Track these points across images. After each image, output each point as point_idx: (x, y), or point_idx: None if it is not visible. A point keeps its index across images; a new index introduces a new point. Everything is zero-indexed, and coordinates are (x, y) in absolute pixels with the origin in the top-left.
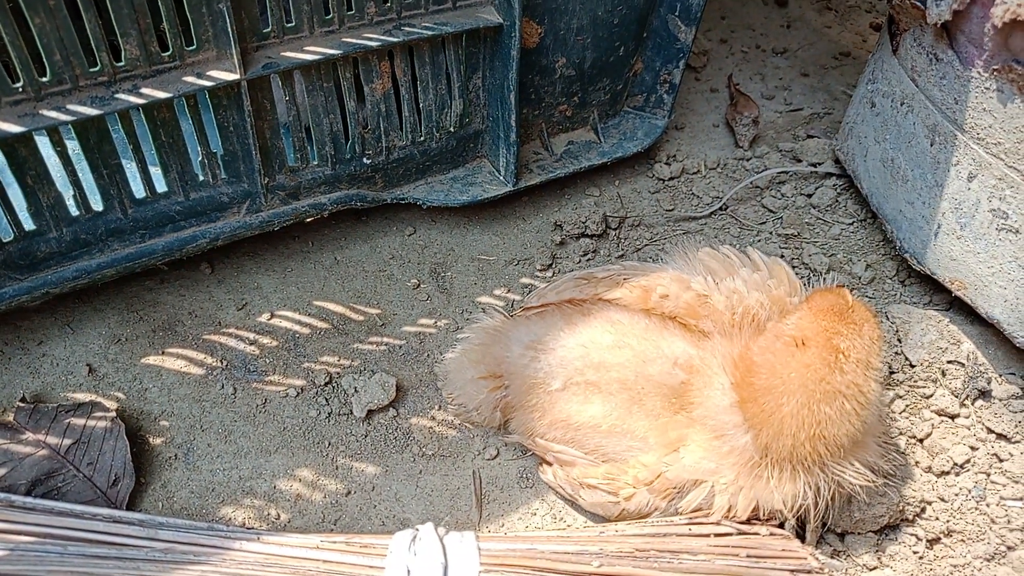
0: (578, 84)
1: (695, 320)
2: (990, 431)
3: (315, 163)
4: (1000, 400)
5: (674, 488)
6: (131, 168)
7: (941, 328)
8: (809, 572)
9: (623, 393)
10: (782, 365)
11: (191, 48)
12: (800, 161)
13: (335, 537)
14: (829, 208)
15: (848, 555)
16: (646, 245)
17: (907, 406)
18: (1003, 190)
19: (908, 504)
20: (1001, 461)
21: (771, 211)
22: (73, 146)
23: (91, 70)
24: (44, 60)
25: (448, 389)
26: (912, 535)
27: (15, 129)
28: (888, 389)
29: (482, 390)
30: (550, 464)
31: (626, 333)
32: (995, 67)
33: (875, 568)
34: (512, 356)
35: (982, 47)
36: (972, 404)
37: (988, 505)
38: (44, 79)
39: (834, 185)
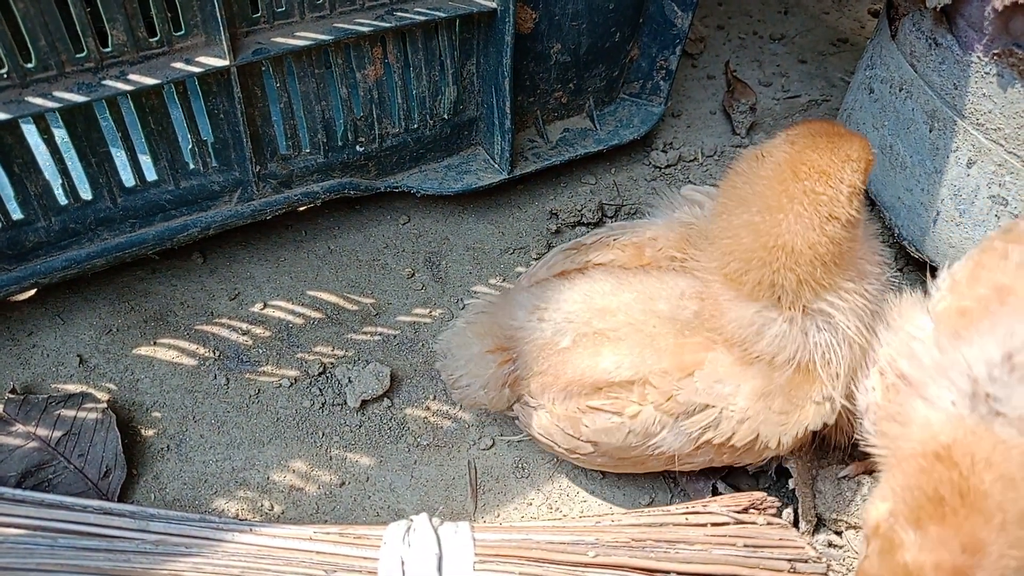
0: (573, 70)
1: (688, 254)
2: None
3: (307, 151)
4: None
5: (683, 410)
6: (120, 156)
7: None
8: (806, 561)
9: (634, 336)
10: (744, 183)
11: (179, 33)
12: None
13: (329, 528)
14: None
15: (846, 548)
16: None
17: None
18: (1003, 176)
19: None
20: None
21: None
22: (60, 134)
23: (77, 56)
24: (29, 46)
25: (450, 370)
26: None
27: (0, 116)
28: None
29: (490, 365)
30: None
31: (625, 279)
32: (995, 51)
33: None
34: (518, 321)
35: (982, 31)
36: None
37: None
38: (29, 65)
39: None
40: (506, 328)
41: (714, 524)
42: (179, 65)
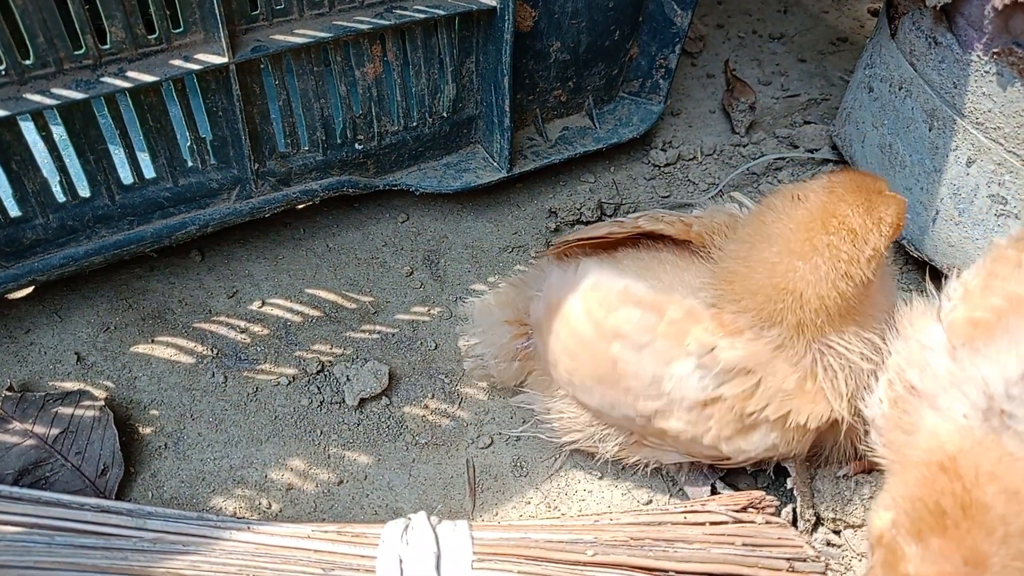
0: (573, 69)
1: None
2: None
3: (306, 148)
4: None
5: (721, 367)
6: (118, 154)
7: None
8: (805, 560)
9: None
10: (773, 220)
11: (178, 30)
12: (797, 147)
13: (327, 527)
14: None
15: (845, 547)
16: None
17: None
18: (1002, 175)
19: None
20: None
21: None
22: (59, 131)
23: (76, 53)
24: (27, 43)
25: (467, 337)
26: None
27: None
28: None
29: (505, 334)
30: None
31: (650, 264)
32: (995, 50)
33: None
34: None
35: (982, 30)
36: None
37: None
38: (28, 62)
39: (831, 171)
40: (531, 299)
41: (713, 523)
42: (178, 62)
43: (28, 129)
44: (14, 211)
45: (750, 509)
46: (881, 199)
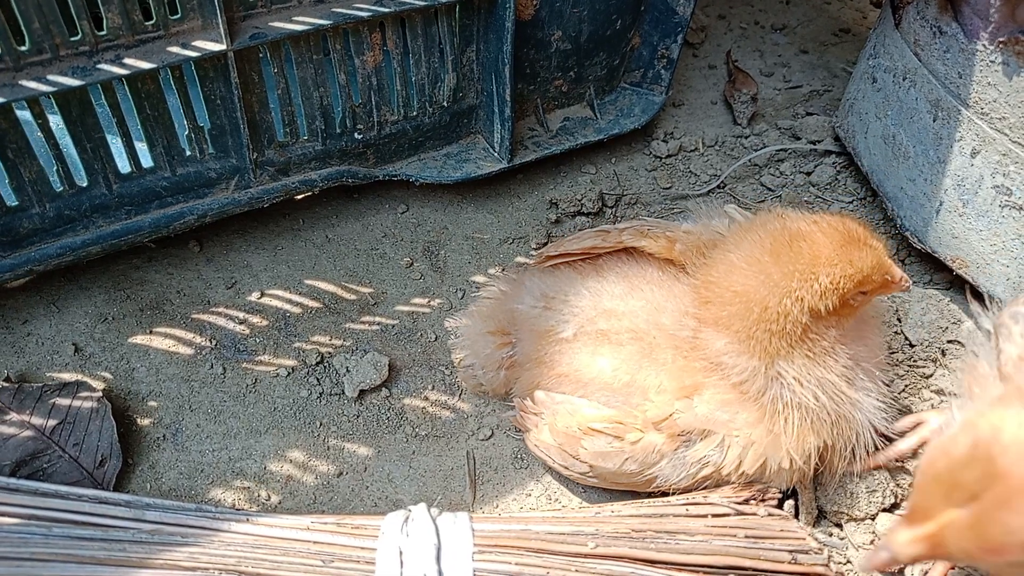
0: (574, 58)
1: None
2: None
3: (305, 138)
4: None
5: (682, 435)
6: (116, 142)
7: (941, 307)
8: (808, 552)
9: (634, 344)
10: (750, 229)
11: (175, 17)
12: (799, 139)
13: (326, 518)
14: (829, 186)
15: (846, 539)
16: None
17: (907, 386)
18: (1007, 166)
19: (907, 488)
20: None
21: (769, 189)
22: (55, 119)
23: (72, 39)
24: (23, 28)
25: (458, 349)
26: None
27: None
28: (888, 368)
29: (489, 345)
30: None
31: (637, 284)
32: (1001, 39)
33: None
34: (523, 307)
35: (988, 19)
36: None
37: None
38: (23, 48)
39: (834, 163)
40: (511, 312)
41: (715, 515)
42: (175, 49)
43: (24, 117)
44: (11, 200)
45: (752, 501)
46: (858, 247)
